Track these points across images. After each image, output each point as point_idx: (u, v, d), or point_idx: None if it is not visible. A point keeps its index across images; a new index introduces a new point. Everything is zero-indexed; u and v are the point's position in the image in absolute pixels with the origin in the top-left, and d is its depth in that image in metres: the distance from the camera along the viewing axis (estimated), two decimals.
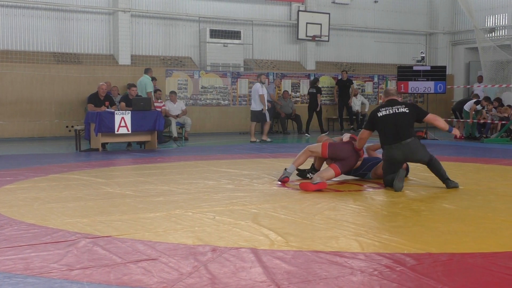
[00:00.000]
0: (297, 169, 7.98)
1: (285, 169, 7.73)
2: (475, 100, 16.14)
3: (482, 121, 15.70)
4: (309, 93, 18.14)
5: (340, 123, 19.26)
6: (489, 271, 3.69)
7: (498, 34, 20.76)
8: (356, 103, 19.39)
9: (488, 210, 5.80)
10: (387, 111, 7.30)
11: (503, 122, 15.11)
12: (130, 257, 4.02)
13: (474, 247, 4.28)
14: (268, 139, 14.67)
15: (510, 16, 20.11)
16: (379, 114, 7.31)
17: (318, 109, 17.56)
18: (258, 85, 14.75)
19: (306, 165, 8.06)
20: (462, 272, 3.70)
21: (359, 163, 7.83)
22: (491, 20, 20.85)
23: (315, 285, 3.44)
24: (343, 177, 7.83)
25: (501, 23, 20.58)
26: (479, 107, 15.85)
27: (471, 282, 3.50)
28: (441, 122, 7.45)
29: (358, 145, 7.54)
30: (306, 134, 17.25)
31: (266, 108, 14.73)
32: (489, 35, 20.44)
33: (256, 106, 14.69)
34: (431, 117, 7.42)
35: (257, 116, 14.76)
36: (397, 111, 7.26)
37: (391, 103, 7.39)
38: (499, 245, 4.35)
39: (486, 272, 3.67)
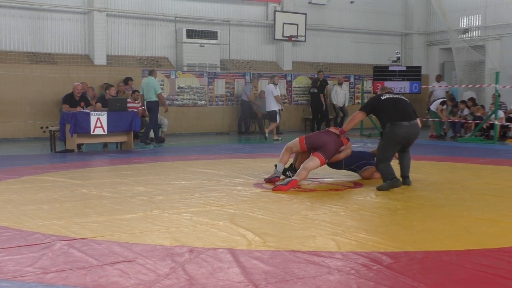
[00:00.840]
0: (288, 173, 8.02)
1: (275, 165, 7.75)
2: (441, 100, 16.37)
3: (457, 120, 15.87)
4: (310, 93, 18.18)
5: (316, 123, 19.30)
6: (463, 268, 3.73)
7: (471, 35, 21.01)
8: (340, 93, 19.34)
9: (463, 208, 5.87)
10: (391, 96, 7.52)
11: (477, 121, 15.30)
12: (106, 259, 3.99)
13: (449, 245, 4.33)
14: (278, 138, 15.28)
15: (483, 17, 20.36)
16: (383, 97, 7.44)
17: (324, 109, 18.03)
18: (271, 86, 15.51)
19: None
20: (437, 269, 3.74)
21: (347, 151, 7.88)
22: (464, 21, 21.09)
23: (292, 284, 3.45)
24: (322, 175, 7.86)
25: (474, 24, 20.83)
26: (445, 107, 16.08)
27: (446, 279, 3.54)
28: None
29: (347, 126, 7.56)
30: None
31: (280, 109, 15.51)
32: (463, 36, 20.69)
33: (269, 106, 15.49)
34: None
35: (271, 116, 15.67)
36: (400, 97, 7.51)
37: (390, 93, 7.64)
38: (473, 243, 4.40)
39: (461, 269, 3.72)
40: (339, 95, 19.34)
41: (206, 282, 3.49)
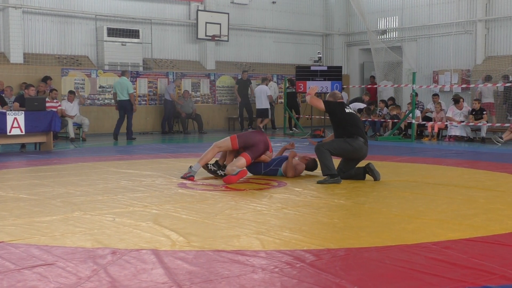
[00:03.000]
0: (210, 166, 7.97)
1: (190, 167, 7.73)
2: (358, 108, 16.95)
3: (376, 119, 16.32)
4: (288, 93, 18.16)
5: (240, 123, 19.40)
6: (383, 264, 3.84)
7: (389, 36, 21.64)
8: (270, 89, 19.50)
9: (382, 205, 6.04)
10: (351, 110, 7.91)
11: (394, 120, 15.78)
12: (24, 263, 3.87)
13: (369, 242, 4.45)
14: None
15: (400, 19, 21.02)
16: (347, 110, 7.77)
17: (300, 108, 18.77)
18: (264, 87, 17.93)
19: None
20: (359, 266, 3.83)
21: (268, 155, 7.96)
22: (382, 23, 21.70)
23: (217, 284, 3.45)
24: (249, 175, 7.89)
25: (392, 26, 21.47)
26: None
27: (367, 275, 3.63)
28: None
29: (315, 100, 7.80)
30: (292, 130, 18.21)
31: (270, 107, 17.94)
32: (381, 37, 21.28)
33: (261, 104, 17.66)
34: None
35: (262, 113, 17.77)
36: (355, 113, 7.97)
37: (348, 107, 8.03)
38: (392, 239, 4.54)
39: (381, 265, 3.82)
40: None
41: (129, 284, 3.44)
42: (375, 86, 19.20)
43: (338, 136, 7.70)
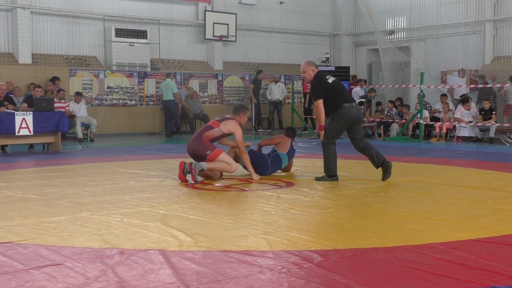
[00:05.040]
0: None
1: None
2: (359, 101, 16.92)
3: (384, 120, 16.29)
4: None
5: (257, 124, 19.44)
6: (390, 264, 3.83)
7: (397, 36, 21.60)
8: (277, 90, 19.59)
9: (390, 205, 6.03)
10: (333, 78, 7.84)
11: (403, 121, 15.75)
12: (32, 263, 3.88)
13: (377, 242, 4.43)
14: None
15: (408, 19, 20.97)
16: (329, 80, 7.71)
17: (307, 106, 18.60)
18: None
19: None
20: (366, 266, 3.82)
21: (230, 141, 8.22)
22: (390, 23, 21.66)
23: (224, 284, 3.45)
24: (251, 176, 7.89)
25: (399, 26, 21.42)
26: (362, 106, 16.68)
27: (374, 275, 3.62)
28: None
29: (321, 119, 7.63)
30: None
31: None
32: (389, 37, 21.23)
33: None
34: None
35: None
36: (336, 79, 7.86)
37: (328, 75, 7.98)
38: (400, 239, 4.52)
39: (388, 266, 3.81)
40: (273, 92, 19.60)
41: (137, 284, 3.45)
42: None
43: (328, 110, 7.67)
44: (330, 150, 7.62)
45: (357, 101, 16.49)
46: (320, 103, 7.57)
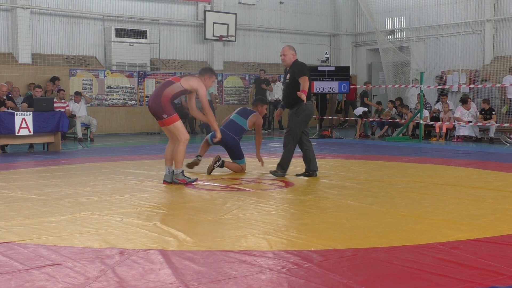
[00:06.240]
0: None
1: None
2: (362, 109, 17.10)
3: (384, 119, 16.29)
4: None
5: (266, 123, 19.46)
6: (390, 264, 3.83)
7: (397, 36, 21.60)
8: (276, 89, 19.58)
9: (390, 206, 6.02)
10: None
11: (402, 121, 15.75)
12: (32, 263, 3.88)
13: (377, 242, 4.43)
14: None
15: (408, 19, 20.97)
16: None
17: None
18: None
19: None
20: (366, 266, 3.82)
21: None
22: (390, 23, 21.66)
23: (224, 284, 3.45)
24: (251, 176, 7.89)
25: (399, 26, 21.42)
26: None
27: (374, 275, 3.62)
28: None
29: (305, 86, 7.94)
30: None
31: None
32: (389, 37, 21.23)
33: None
34: None
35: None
36: None
37: None
38: (400, 239, 4.52)
39: (388, 266, 3.81)
40: (272, 92, 19.60)
41: (137, 284, 3.45)
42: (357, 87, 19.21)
43: (294, 102, 8.00)
44: (291, 150, 7.98)
45: (359, 112, 16.62)
46: (306, 78, 7.99)
